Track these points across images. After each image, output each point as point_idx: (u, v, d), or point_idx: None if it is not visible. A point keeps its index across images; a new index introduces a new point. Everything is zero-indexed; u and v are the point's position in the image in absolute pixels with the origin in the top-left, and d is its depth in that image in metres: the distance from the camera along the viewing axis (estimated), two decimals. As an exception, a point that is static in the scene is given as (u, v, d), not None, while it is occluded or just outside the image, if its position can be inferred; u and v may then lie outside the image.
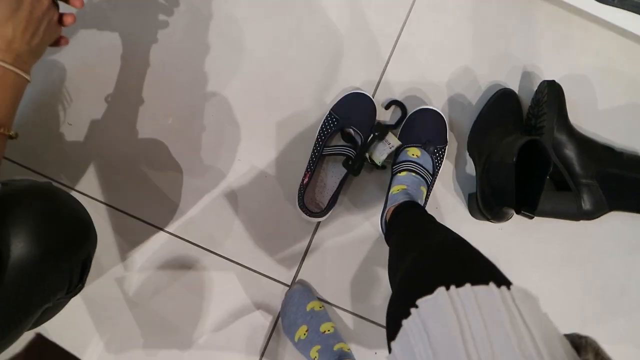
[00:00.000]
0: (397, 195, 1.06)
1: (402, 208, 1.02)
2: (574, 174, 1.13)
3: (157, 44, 1.21)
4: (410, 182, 1.08)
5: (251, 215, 1.18)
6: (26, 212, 0.72)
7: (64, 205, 0.80)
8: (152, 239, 1.17)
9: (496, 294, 0.49)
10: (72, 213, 0.81)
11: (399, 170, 1.10)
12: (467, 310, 0.48)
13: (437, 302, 0.50)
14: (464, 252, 0.65)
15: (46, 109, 1.18)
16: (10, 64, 0.73)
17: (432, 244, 0.70)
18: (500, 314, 0.47)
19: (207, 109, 1.19)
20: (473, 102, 1.21)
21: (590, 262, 1.20)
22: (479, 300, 0.49)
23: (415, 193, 1.06)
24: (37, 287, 0.73)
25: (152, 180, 1.18)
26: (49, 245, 0.73)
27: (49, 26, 0.80)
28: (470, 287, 0.50)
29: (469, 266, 0.61)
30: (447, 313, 0.49)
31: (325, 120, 1.15)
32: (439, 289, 0.51)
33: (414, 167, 1.09)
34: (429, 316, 0.50)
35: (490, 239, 1.19)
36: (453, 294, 0.50)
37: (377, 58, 1.22)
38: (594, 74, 1.23)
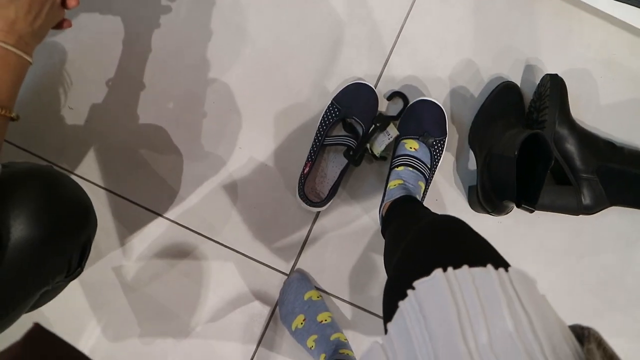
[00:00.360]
0: (394, 190, 1.06)
1: (398, 202, 1.02)
2: (574, 168, 1.12)
3: (160, 29, 1.20)
4: (408, 177, 1.07)
5: (251, 204, 1.17)
6: (27, 195, 0.72)
7: (64, 188, 0.80)
8: (151, 225, 1.17)
9: (494, 276, 0.48)
10: (73, 197, 0.81)
11: (397, 164, 1.10)
12: (465, 292, 0.48)
13: (434, 284, 0.50)
14: (460, 232, 0.65)
15: (47, 92, 1.18)
16: (13, 46, 0.73)
17: (427, 225, 0.69)
18: (498, 296, 0.47)
19: (208, 96, 1.19)
20: (475, 95, 1.21)
21: (589, 256, 1.20)
22: (476, 283, 0.48)
23: (412, 188, 1.06)
24: (37, 269, 0.73)
25: (152, 166, 1.17)
26: (50, 228, 0.73)
27: (52, 8, 0.80)
28: (468, 269, 0.50)
29: (466, 247, 0.61)
30: (444, 295, 0.48)
31: (327, 110, 1.14)
32: (436, 270, 0.51)
33: (412, 161, 1.09)
34: (425, 298, 0.50)
35: (489, 232, 1.17)
36: (450, 275, 0.50)
37: (380, 48, 1.21)
38: (597, 68, 1.23)
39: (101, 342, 1.14)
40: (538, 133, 0.97)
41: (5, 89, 0.74)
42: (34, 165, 0.79)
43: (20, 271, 0.70)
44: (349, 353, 1.03)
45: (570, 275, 1.20)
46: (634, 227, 1.20)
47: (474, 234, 0.64)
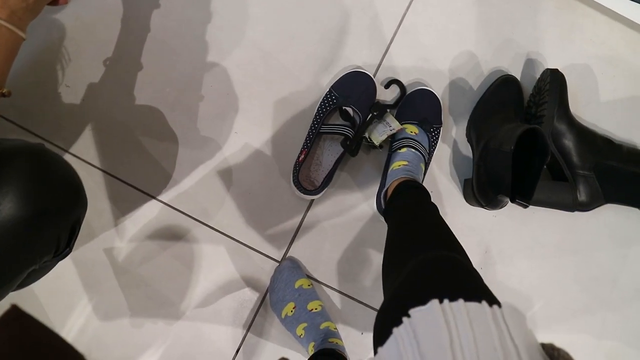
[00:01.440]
0: (398, 171, 1.06)
1: (405, 186, 1.02)
2: (571, 164, 1.12)
3: (159, 9, 1.19)
4: (411, 158, 1.08)
5: (245, 189, 1.17)
6: (16, 172, 0.71)
7: (55, 167, 0.78)
8: (145, 207, 1.16)
9: (487, 311, 0.51)
10: (63, 176, 0.80)
11: (399, 146, 1.10)
12: (459, 323, 0.50)
13: (430, 313, 0.51)
14: (460, 269, 0.66)
15: (45, 69, 1.16)
16: (5, 20, 0.72)
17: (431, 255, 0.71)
18: (490, 329, 0.49)
19: (205, 79, 1.18)
20: (474, 87, 1.20)
21: (583, 253, 1.20)
22: (470, 315, 0.50)
23: (415, 169, 1.07)
24: (24, 248, 0.72)
25: (147, 148, 1.17)
26: (38, 206, 0.72)
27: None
28: (463, 303, 0.52)
29: (464, 283, 0.62)
30: (438, 324, 0.50)
31: (325, 97, 1.14)
32: (433, 300, 0.52)
33: (414, 143, 1.09)
34: (419, 324, 0.51)
35: (484, 226, 1.18)
36: (446, 307, 0.51)
37: (381, 38, 1.20)
38: (598, 64, 1.22)
39: (91, 322, 1.14)
40: (535, 128, 0.97)
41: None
42: (25, 143, 0.77)
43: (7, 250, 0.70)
44: (338, 342, 1.03)
45: (563, 271, 1.19)
46: (628, 225, 1.20)
47: (472, 273, 0.66)
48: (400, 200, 1.00)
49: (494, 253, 1.18)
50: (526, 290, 1.19)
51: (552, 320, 1.19)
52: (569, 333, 1.19)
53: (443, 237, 0.82)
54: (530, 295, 1.19)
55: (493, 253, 1.18)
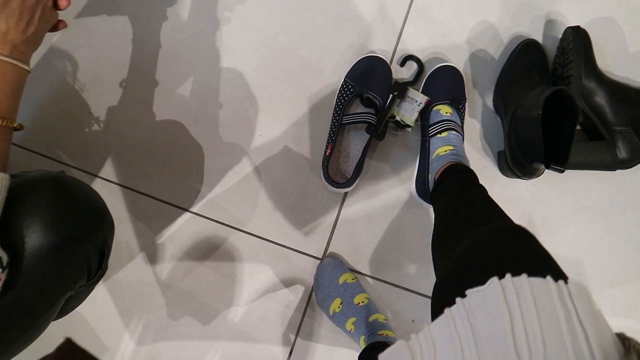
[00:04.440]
0: (445, 156, 1.04)
1: (453, 170, 0.99)
2: (606, 122, 1.08)
3: (169, 24, 1.19)
4: (456, 142, 1.06)
5: (276, 191, 1.16)
6: (38, 202, 0.72)
7: (75, 192, 0.79)
8: (180, 221, 1.17)
9: (553, 288, 0.47)
10: (85, 200, 0.80)
11: (439, 130, 1.08)
12: (522, 301, 0.46)
13: (488, 293, 0.48)
14: (522, 239, 0.62)
15: (65, 100, 1.18)
16: (7, 56, 0.73)
17: (490, 228, 0.67)
18: (556, 309, 0.45)
19: (223, 86, 1.18)
20: (496, 57, 1.17)
21: (631, 211, 1.16)
22: (534, 292, 0.46)
23: (462, 153, 1.05)
24: (56, 276, 0.73)
25: (175, 163, 1.17)
26: (63, 233, 0.73)
27: (44, 13, 0.78)
28: (527, 278, 0.48)
29: (526, 256, 0.59)
30: (497, 304, 0.46)
31: (341, 88, 1.12)
32: (492, 279, 0.49)
33: (453, 125, 1.07)
34: (477, 306, 0.48)
35: (523, 197, 1.15)
36: (507, 282, 0.48)
37: (393, 20, 1.18)
38: (621, 14, 1.18)
39: (143, 341, 1.15)
40: (561, 89, 0.94)
41: (5, 100, 0.73)
42: (44, 173, 0.78)
43: (40, 280, 0.70)
44: (388, 333, 1.02)
45: (613, 233, 1.16)
46: (676, 177, 1.16)
47: (535, 244, 0.61)
48: (448, 184, 0.97)
49: (537, 223, 1.15)
50: (577, 256, 1.15)
51: (607, 284, 1.15)
52: (627, 296, 1.15)
53: (499, 213, 0.79)
54: (582, 261, 1.15)
55: (537, 223, 1.15)
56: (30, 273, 0.69)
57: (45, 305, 0.73)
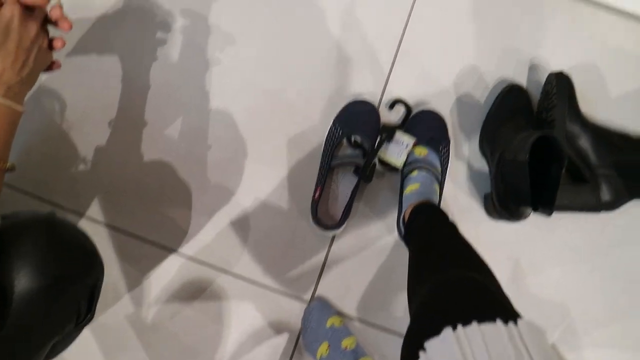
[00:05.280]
0: (411, 195, 1.05)
1: (420, 209, 1.01)
2: (590, 165, 1.10)
3: (159, 64, 1.20)
4: (423, 180, 1.07)
5: (265, 233, 1.16)
6: (28, 244, 0.72)
7: (66, 234, 0.79)
8: (166, 262, 1.16)
9: (503, 331, 0.50)
10: (75, 242, 0.80)
11: (410, 170, 1.10)
12: (474, 349, 0.49)
13: (444, 344, 0.51)
14: (472, 287, 0.66)
15: (53, 140, 1.17)
16: (1, 97, 0.72)
17: (442, 278, 0.71)
18: (508, 351, 0.48)
19: (212, 127, 1.18)
20: (482, 101, 1.19)
21: (615, 254, 1.17)
22: (485, 339, 0.50)
23: (429, 191, 1.06)
24: (45, 320, 0.72)
25: (163, 203, 1.17)
26: (53, 276, 0.72)
27: (39, 53, 0.79)
28: (477, 326, 0.51)
29: (476, 303, 0.62)
30: (454, 354, 0.49)
31: (330, 131, 1.13)
32: (446, 329, 0.52)
33: (424, 165, 1.09)
34: (435, 357, 0.51)
35: (509, 239, 1.16)
36: (460, 333, 0.51)
37: (381, 63, 1.20)
38: (603, 60, 1.21)
39: (127, 386, 1.13)
40: (548, 134, 0.96)
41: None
42: (35, 214, 0.78)
43: (28, 324, 0.70)
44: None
45: (599, 274, 1.17)
46: (659, 219, 1.17)
47: (483, 289, 0.65)
48: (415, 225, 0.99)
49: (524, 265, 1.16)
50: (563, 298, 1.16)
51: (594, 325, 1.16)
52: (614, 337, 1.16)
53: (457, 254, 0.82)
54: (568, 303, 1.16)
55: (523, 265, 1.16)
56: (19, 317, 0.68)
57: (33, 351, 0.72)
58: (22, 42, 0.75)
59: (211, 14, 1.21)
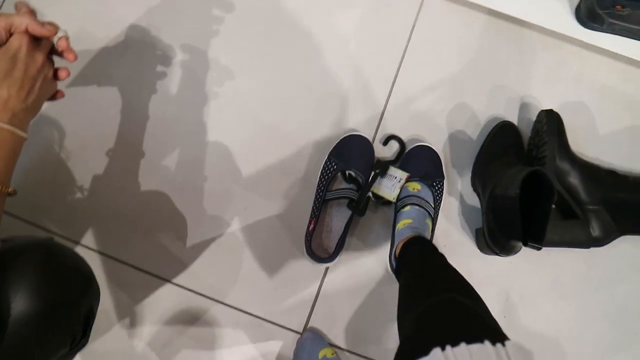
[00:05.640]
0: (403, 230, 1.06)
1: (411, 243, 1.02)
2: (580, 201, 1.12)
3: (158, 96, 1.22)
4: (416, 215, 1.08)
5: (259, 264, 1.17)
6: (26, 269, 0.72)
7: (63, 259, 0.80)
8: (161, 291, 1.16)
9: (491, 352, 0.51)
10: (73, 267, 0.81)
11: (403, 205, 1.11)
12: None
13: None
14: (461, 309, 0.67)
15: (51, 166, 1.19)
16: (7, 123, 0.74)
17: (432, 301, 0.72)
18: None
19: (209, 159, 1.20)
20: (474, 137, 1.21)
21: (606, 288, 1.18)
22: (473, 359, 0.51)
23: (421, 226, 1.07)
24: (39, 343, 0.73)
25: (158, 233, 1.17)
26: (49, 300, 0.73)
27: (45, 83, 0.80)
28: (466, 346, 0.52)
29: (465, 325, 0.63)
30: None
31: (325, 165, 1.15)
32: (435, 350, 0.53)
33: (417, 200, 1.10)
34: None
35: (501, 273, 1.18)
36: (449, 353, 0.52)
37: (376, 99, 1.23)
38: (591, 99, 1.24)
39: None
40: (538, 170, 0.97)
41: (1, 165, 0.74)
42: (33, 239, 0.79)
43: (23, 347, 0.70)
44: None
45: (589, 309, 1.18)
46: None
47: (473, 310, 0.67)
48: (407, 258, 1.00)
49: (515, 299, 1.17)
50: (553, 332, 1.17)
51: (584, 359, 1.17)
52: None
53: (447, 280, 0.83)
54: (558, 337, 1.17)
55: (514, 299, 1.17)
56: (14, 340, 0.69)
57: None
58: (29, 71, 0.77)
59: (210, 49, 1.24)
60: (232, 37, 1.25)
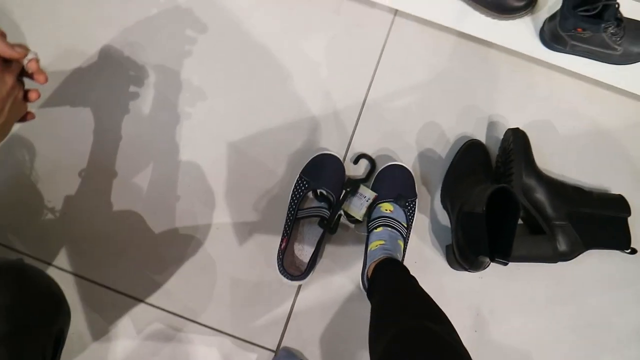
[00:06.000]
0: (376, 251, 1.07)
1: (384, 264, 1.03)
2: (546, 216, 1.14)
3: (131, 116, 1.23)
4: (388, 237, 1.09)
5: (232, 282, 1.17)
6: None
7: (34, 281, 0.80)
8: (134, 311, 1.16)
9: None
10: (43, 289, 0.81)
11: (375, 226, 1.12)
12: None
13: None
14: (430, 338, 0.69)
15: (22, 188, 1.19)
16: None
17: (403, 329, 0.73)
18: None
19: (181, 179, 1.21)
20: (443, 155, 1.24)
21: (573, 302, 1.20)
22: None
23: (393, 247, 1.08)
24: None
25: (130, 252, 1.18)
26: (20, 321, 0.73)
27: (15, 105, 0.80)
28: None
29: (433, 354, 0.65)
30: None
31: (296, 184, 1.17)
32: None
33: (389, 221, 1.11)
34: None
35: (471, 288, 1.19)
36: None
37: (347, 118, 1.25)
38: (557, 118, 1.27)
39: None
40: (503, 187, 0.99)
41: None
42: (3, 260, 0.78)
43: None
44: None
45: (558, 322, 1.20)
46: (613, 268, 1.21)
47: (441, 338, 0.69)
48: (378, 281, 1.01)
49: (485, 314, 1.18)
50: (523, 346, 1.18)
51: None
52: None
53: (417, 305, 0.85)
54: (529, 351, 1.18)
55: (485, 314, 1.18)
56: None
57: None
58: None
59: (183, 69, 1.26)
60: (204, 58, 1.27)
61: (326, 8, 1.30)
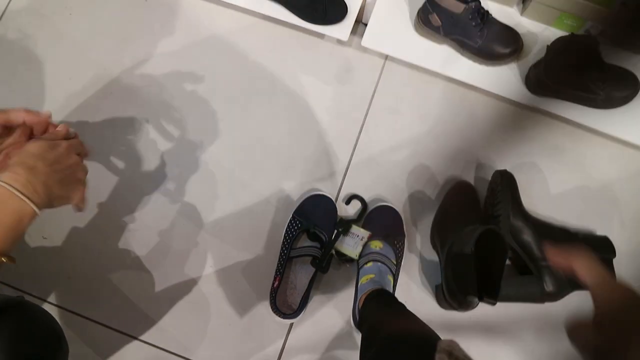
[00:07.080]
0: (366, 284, 1.09)
1: (373, 295, 1.06)
2: (533, 257, 1.16)
3: (126, 155, 1.26)
4: (378, 271, 1.12)
5: (225, 320, 1.19)
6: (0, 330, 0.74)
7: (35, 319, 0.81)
8: (127, 348, 1.17)
9: None
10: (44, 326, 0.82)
11: (366, 261, 1.14)
12: None
13: None
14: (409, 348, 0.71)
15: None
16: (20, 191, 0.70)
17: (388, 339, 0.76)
18: None
19: (176, 217, 1.23)
20: (432, 197, 1.27)
21: (561, 343, 1.21)
22: None
23: (382, 281, 1.10)
24: None
25: (125, 290, 1.19)
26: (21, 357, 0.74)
27: (72, 175, 0.79)
28: None
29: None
30: None
31: (289, 224, 1.19)
32: None
33: (379, 257, 1.14)
34: None
35: (460, 328, 1.20)
36: None
37: (339, 160, 1.28)
38: (544, 160, 1.30)
39: None
40: (491, 228, 1.02)
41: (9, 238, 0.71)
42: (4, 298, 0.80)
43: None
44: None
45: None
46: (599, 309, 1.23)
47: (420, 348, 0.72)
48: (368, 310, 1.03)
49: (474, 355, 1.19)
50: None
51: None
52: None
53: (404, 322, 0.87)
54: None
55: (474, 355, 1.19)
56: None
57: None
58: (62, 159, 0.78)
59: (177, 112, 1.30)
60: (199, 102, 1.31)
61: (320, 52, 1.34)
